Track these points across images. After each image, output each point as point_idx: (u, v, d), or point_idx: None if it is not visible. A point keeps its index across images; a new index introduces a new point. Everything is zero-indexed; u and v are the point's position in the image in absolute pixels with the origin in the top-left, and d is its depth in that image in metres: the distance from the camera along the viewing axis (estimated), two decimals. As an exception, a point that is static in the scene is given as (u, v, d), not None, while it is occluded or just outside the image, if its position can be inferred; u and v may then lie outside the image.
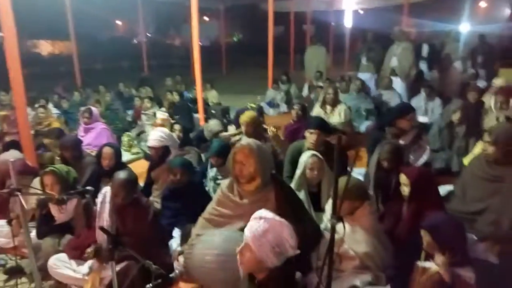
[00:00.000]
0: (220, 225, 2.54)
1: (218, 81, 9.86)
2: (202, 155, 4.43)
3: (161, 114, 5.19)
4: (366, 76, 7.90)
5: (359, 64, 8.23)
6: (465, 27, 13.37)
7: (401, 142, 3.63)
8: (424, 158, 3.68)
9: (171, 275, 2.29)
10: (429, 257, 2.08)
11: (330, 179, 2.97)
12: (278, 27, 21.34)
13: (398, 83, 7.07)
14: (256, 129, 4.04)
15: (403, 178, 2.60)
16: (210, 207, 2.65)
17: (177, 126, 4.57)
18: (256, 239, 1.45)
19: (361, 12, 17.04)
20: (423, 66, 8.05)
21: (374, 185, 3.07)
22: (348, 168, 3.49)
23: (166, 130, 4.01)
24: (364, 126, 5.96)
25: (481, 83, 7.04)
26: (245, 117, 4.08)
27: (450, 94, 6.82)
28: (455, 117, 4.40)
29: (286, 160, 3.65)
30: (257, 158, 2.38)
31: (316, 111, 5.37)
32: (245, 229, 1.51)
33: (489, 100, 4.88)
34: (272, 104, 8.04)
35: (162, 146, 3.66)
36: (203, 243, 2.43)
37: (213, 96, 8.06)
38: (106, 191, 2.71)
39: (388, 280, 2.28)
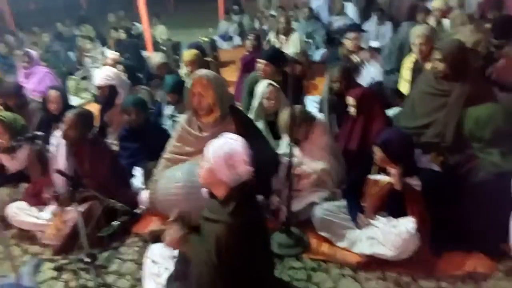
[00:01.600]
0: (182, 161, 2.57)
1: (166, 16, 9.27)
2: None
3: (111, 54, 4.87)
4: (318, 1, 7.73)
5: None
6: None
7: (356, 59, 3.71)
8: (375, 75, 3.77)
9: (136, 211, 2.34)
10: (379, 171, 2.25)
11: (287, 107, 3.03)
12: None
13: (350, 8, 7.02)
14: (200, 67, 3.89)
15: (349, 99, 2.72)
16: (171, 145, 2.64)
17: (119, 66, 4.31)
18: (212, 149, 1.54)
19: None
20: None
21: (328, 108, 3.17)
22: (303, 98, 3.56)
23: (112, 68, 3.80)
24: (318, 54, 5.96)
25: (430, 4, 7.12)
26: (186, 56, 3.92)
27: (400, 17, 6.87)
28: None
29: (244, 91, 3.64)
30: (215, 88, 2.36)
31: (271, 41, 5.27)
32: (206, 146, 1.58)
33: (433, 22, 4.99)
34: (225, 37, 7.77)
35: (109, 85, 3.50)
36: (167, 178, 2.46)
37: (161, 31, 7.62)
38: (60, 134, 2.60)
39: (343, 194, 2.46)
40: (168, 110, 3.48)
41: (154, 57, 4.33)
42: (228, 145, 1.54)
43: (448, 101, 2.88)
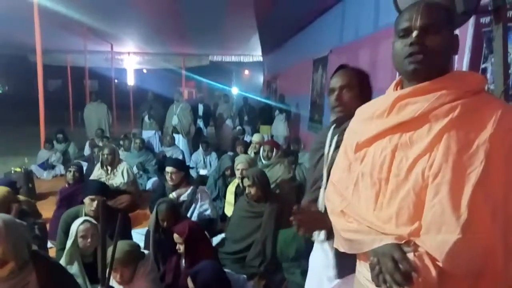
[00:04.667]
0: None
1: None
2: None
3: None
4: (150, 133, 8.10)
5: (143, 122, 8.39)
6: (235, 90, 15.82)
7: (176, 195, 3.83)
8: (198, 210, 3.91)
9: None
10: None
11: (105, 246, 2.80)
12: (55, 81, 19.61)
13: (180, 140, 7.55)
14: (7, 206, 3.38)
15: (176, 236, 2.71)
16: None
17: None
18: None
19: (145, 71, 17.72)
20: (200, 123, 8.91)
21: (153, 245, 3.07)
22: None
23: None
24: (150, 183, 5.98)
25: (249, 138, 8.32)
26: None
27: (224, 148, 7.74)
28: (227, 171, 4.99)
29: (59, 230, 3.24)
30: (7, 236, 2.01)
31: (96, 172, 5.07)
32: None
33: (252, 151, 5.79)
34: (45, 165, 7.12)
35: None
36: None
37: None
38: None
39: None
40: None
41: None
42: None
43: (262, 221, 3.21)
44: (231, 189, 4.12)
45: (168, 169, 3.94)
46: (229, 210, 3.98)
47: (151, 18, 7.66)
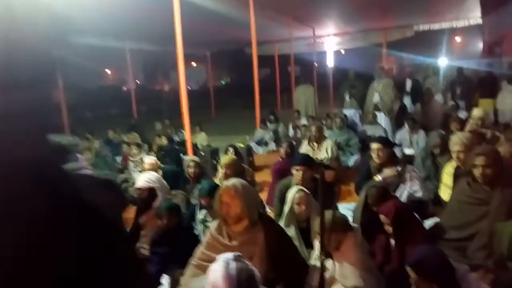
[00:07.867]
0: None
1: (208, 123, 10.00)
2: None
3: (148, 159, 5.19)
4: (350, 112, 8.10)
5: (343, 101, 8.47)
6: (443, 61, 14.02)
7: (382, 176, 3.68)
8: (408, 191, 3.66)
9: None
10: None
11: (319, 214, 2.97)
12: (264, 69, 22.02)
13: (382, 118, 7.26)
14: (235, 171, 4.06)
15: (382, 217, 2.62)
16: (199, 252, 2.60)
17: (160, 171, 4.61)
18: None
19: (343, 52, 17.77)
20: (407, 100, 8.30)
21: (361, 225, 3.06)
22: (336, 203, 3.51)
23: (154, 173, 4.01)
24: (352, 160, 6.02)
25: (462, 114, 7.25)
26: (225, 160, 4.14)
27: (433, 126, 6.99)
28: (436, 150, 4.49)
29: (275, 198, 3.65)
30: (243, 198, 2.39)
31: (304, 148, 5.44)
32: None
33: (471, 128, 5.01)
34: (260, 143, 8.13)
35: (149, 188, 3.65)
36: (192, 289, 2.37)
37: (202, 138, 8.14)
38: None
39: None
40: (201, 214, 3.52)
41: (186, 161, 4.58)
42: (212, 275, 1.66)
43: (488, 209, 2.74)
44: (448, 170, 3.69)
45: (374, 145, 3.84)
46: (445, 193, 3.59)
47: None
